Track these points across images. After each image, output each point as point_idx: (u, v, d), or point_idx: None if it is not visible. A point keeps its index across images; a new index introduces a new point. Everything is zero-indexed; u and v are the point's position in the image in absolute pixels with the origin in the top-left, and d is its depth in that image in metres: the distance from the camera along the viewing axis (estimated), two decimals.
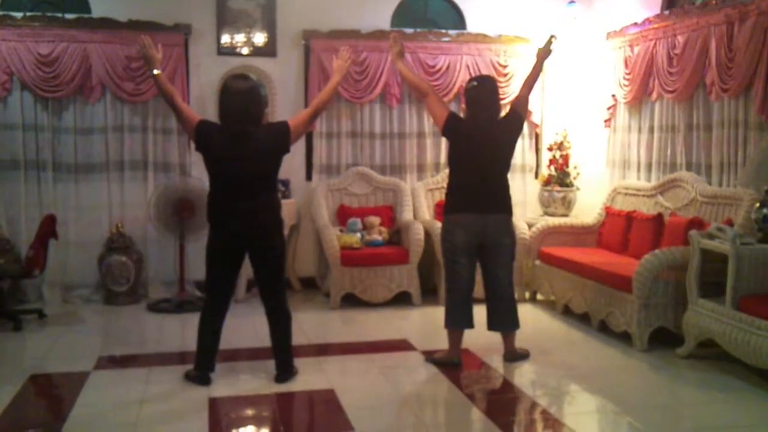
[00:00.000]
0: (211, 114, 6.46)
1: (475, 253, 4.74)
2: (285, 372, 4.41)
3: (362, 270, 6.26)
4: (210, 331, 4.39)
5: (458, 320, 4.77)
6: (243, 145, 4.17)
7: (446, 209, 4.81)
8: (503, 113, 4.88)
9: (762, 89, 4.93)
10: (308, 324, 5.76)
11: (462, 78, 6.90)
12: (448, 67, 6.97)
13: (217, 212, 4.28)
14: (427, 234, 6.31)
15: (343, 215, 6.76)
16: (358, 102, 6.89)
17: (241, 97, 4.18)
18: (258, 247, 4.31)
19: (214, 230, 4.31)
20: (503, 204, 4.76)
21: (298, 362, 4.54)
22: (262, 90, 4.35)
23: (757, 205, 4.69)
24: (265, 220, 4.29)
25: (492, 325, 4.86)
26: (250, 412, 4.06)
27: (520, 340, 4.89)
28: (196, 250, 5.96)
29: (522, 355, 4.86)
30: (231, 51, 6.71)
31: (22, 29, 6.17)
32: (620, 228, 6.08)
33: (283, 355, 4.44)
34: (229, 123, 4.22)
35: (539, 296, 6.49)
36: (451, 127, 4.70)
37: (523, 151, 7.30)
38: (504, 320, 4.84)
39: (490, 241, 4.71)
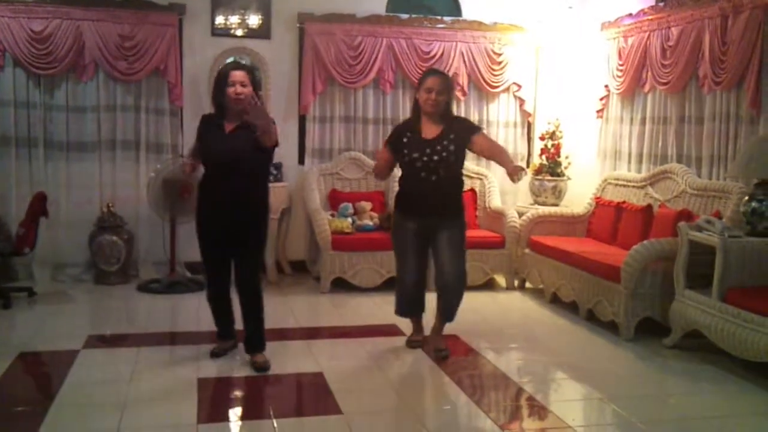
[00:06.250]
0: (203, 94, 6.49)
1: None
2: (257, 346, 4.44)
3: (353, 255, 6.28)
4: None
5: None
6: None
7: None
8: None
9: (754, 83, 4.96)
10: (298, 307, 5.79)
11: (456, 65, 6.93)
12: (442, 54, 6.96)
13: None
14: None
15: (334, 200, 6.77)
16: (351, 87, 6.87)
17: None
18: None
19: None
20: None
21: (288, 345, 4.56)
22: (257, 73, 4.34)
23: (746, 198, 4.74)
24: None
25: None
26: (238, 393, 4.07)
27: (510, 326, 4.91)
28: (187, 231, 5.96)
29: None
30: (225, 32, 6.67)
31: (15, 5, 6.12)
32: (610, 218, 6.12)
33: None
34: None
35: (528, 284, 6.53)
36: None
37: (515, 139, 7.34)
38: None
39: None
